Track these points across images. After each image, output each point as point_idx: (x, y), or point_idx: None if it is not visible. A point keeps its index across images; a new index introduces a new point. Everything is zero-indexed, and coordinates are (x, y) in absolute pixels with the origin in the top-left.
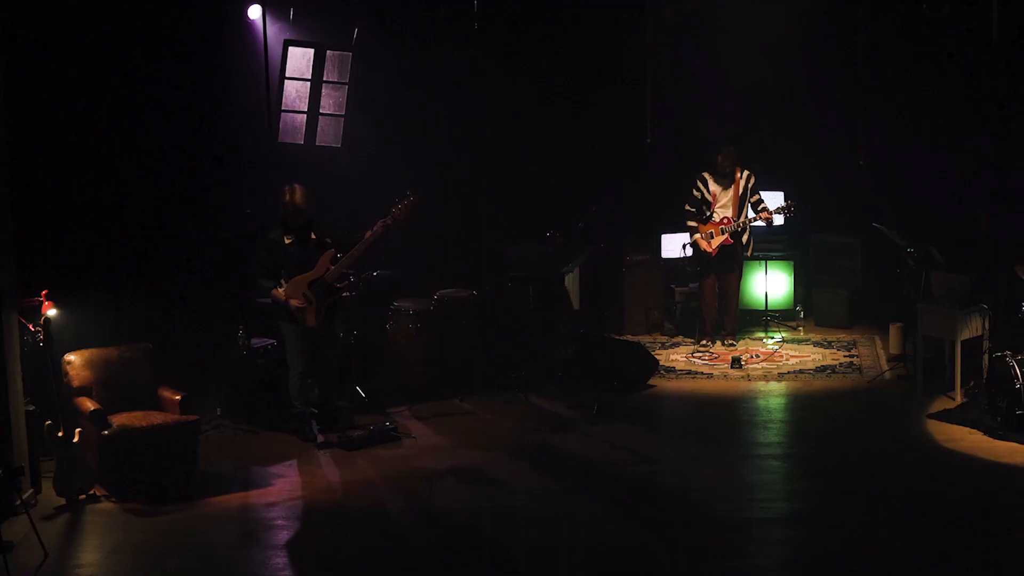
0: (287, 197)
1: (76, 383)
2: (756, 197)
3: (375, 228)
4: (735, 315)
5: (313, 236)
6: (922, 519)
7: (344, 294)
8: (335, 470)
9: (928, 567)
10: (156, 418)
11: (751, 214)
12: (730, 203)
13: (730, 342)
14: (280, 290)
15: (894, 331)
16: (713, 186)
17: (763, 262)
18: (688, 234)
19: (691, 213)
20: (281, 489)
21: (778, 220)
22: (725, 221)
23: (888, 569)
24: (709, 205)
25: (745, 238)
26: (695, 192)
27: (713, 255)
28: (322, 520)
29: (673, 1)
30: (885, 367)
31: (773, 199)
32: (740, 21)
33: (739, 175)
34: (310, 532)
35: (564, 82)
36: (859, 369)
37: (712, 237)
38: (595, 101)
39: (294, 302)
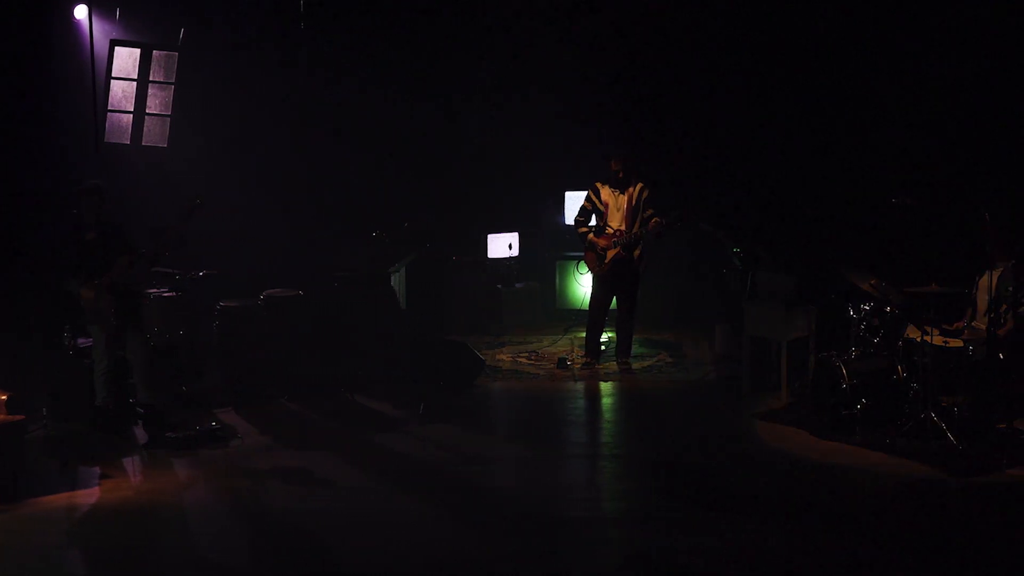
0: (92, 197)
1: None
2: (649, 212)
3: (168, 233)
4: (631, 334)
5: (115, 238)
6: (748, 518)
7: (146, 300)
8: (161, 470)
9: (754, 567)
10: None
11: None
12: (622, 215)
13: (624, 361)
14: (88, 292)
15: (720, 331)
16: (606, 195)
17: None
18: (581, 242)
19: (580, 222)
20: (106, 489)
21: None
22: (617, 234)
23: (714, 568)
24: (602, 216)
25: (638, 252)
26: (585, 203)
27: (606, 271)
28: (146, 520)
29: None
30: (711, 367)
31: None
32: (565, 22)
33: (633, 188)
34: (134, 532)
35: (389, 82)
36: (685, 369)
37: (605, 251)
38: (420, 102)
39: (100, 305)
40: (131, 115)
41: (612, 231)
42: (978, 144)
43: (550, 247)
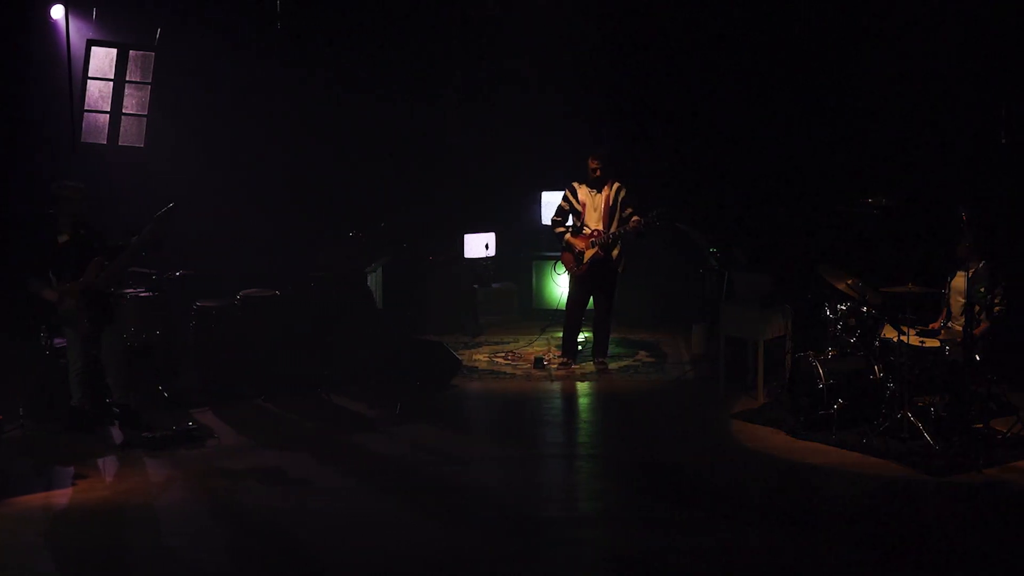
0: (69, 199)
1: None
2: (629, 211)
3: (142, 235)
4: (608, 334)
5: (90, 241)
6: (725, 519)
7: (124, 300)
8: (137, 470)
9: (731, 567)
10: None
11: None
12: (599, 215)
13: (601, 361)
14: (50, 292)
15: (697, 331)
16: (583, 195)
17: None
18: (559, 242)
19: (557, 222)
20: (83, 489)
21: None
22: (595, 234)
23: (691, 569)
24: (579, 215)
25: (616, 252)
26: (563, 203)
27: (584, 271)
28: (123, 520)
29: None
30: (688, 367)
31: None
32: (547, 23)
33: (610, 187)
34: (111, 532)
35: (369, 82)
36: (662, 369)
37: (583, 252)
38: (401, 101)
39: (65, 307)
40: (108, 115)
41: (590, 231)
42: (954, 144)
43: (527, 247)
